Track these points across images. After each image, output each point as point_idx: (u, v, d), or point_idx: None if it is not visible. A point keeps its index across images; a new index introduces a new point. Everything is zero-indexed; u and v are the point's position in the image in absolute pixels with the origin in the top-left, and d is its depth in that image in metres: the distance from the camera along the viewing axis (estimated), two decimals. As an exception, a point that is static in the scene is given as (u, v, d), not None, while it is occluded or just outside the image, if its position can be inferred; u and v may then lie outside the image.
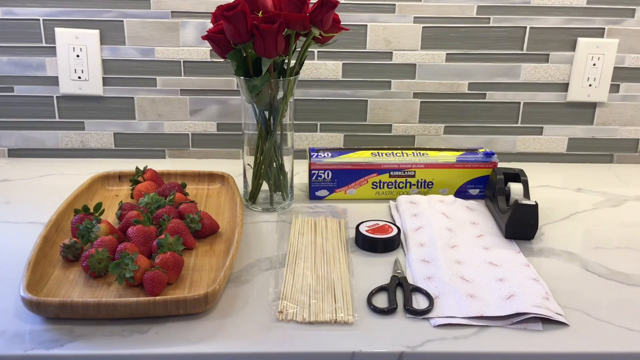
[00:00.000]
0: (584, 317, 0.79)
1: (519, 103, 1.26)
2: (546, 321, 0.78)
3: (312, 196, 1.11)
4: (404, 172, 1.10)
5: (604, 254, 0.95)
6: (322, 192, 1.10)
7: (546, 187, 1.19)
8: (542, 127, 1.28)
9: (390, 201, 1.10)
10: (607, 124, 1.28)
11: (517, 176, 1.05)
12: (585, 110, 1.27)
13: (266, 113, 1.01)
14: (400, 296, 0.82)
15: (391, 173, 1.10)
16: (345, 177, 1.10)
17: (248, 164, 1.05)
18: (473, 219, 1.03)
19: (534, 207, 0.95)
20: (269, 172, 1.04)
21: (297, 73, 1.00)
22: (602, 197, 1.15)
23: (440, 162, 1.10)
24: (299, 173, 1.17)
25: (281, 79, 0.99)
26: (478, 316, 0.78)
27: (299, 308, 0.79)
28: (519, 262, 0.90)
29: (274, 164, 1.04)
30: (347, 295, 0.82)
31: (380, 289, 0.84)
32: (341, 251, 0.93)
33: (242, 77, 0.97)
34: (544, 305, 0.79)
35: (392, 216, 1.05)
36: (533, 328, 0.77)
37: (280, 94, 1.00)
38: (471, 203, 1.09)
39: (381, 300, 0.81)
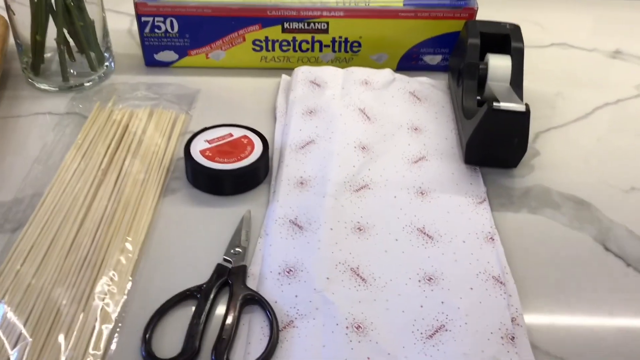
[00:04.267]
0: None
1: None
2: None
3: (150, 61, 0.65)
4: (309, 24, 0.62)
5: (643, 204, 0.51)
6: (165, 55, 0.64)
7: (560, 46, 0.71)
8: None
9: (283, 75, 0.64)
10: None
11: (507, 40, 0.58)
12: None
13: None
14: (216, 319, 0.41)
15: (286, 25, 0.62)
16: (206, 29, 0.62)
17: (9, 6, 0.57)
18: (416, 121, 0.58)
19: (522, 117, 0.49)
20: (56, 19, 0.57)
21: None
22: (654, 70, 0.68)
23: (375, 6, 0.62)
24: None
25: None
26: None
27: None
28: (475, 230, 0.47)
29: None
30: (109, 318, 0.40)
31: (184, 296, 0.42)
32: (150, 191, 0.50)
33: None
34: (502, 366, 0.38)
35: (276, 108, 0.60)
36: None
37: None
38: (423, 83, 0.62)
39: (173, 334, 0.40)
